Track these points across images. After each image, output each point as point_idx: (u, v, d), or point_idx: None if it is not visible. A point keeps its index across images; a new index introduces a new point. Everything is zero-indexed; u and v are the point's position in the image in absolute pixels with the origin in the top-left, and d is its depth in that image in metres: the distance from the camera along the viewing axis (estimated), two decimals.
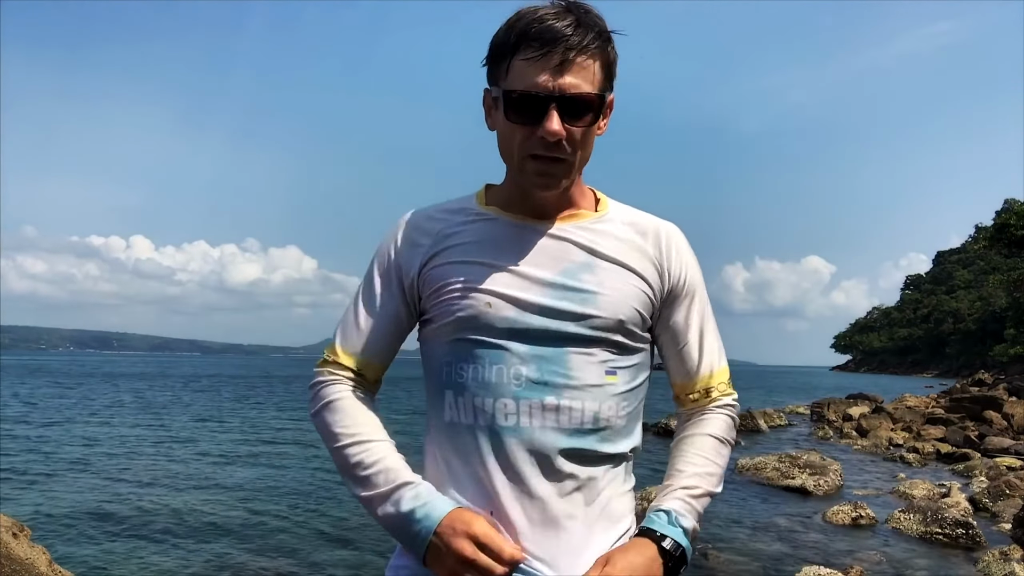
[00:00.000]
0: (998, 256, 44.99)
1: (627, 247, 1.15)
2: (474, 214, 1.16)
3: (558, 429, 1.06)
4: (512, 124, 1.07)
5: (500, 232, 1.14)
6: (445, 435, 1.12)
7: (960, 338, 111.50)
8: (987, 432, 14.64)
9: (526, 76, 1.04)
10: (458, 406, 1.10)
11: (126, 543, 6.80)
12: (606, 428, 1.09)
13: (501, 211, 1.16)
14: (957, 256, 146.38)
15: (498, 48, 1.08)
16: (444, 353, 1.13)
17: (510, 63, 1.06)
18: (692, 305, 1.20)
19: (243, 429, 17.61)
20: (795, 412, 24.07)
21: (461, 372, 1.10)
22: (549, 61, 1.03)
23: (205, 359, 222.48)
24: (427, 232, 1.16)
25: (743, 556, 6.39)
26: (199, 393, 33.05)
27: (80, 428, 17.04)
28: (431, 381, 1.16)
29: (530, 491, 1.06)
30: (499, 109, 1.09)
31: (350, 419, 1.13)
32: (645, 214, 1.21)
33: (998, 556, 5.90)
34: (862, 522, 7.47)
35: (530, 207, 1.14)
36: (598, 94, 1.06)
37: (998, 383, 28.97)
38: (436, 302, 1.13)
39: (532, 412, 1.06)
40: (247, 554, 6.47)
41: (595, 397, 1.08)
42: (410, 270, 1.15)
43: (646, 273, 1.14)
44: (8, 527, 4.08)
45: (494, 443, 1.07)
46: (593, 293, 1.09)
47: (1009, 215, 38.74)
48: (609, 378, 1.10)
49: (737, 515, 7.93)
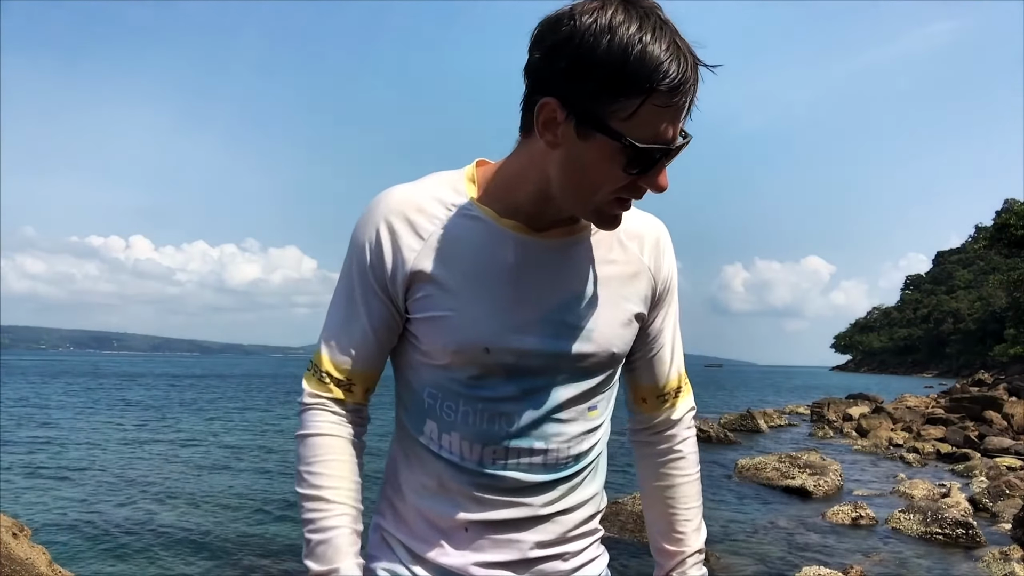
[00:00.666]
0: (998, 256, 44.99)
1: (625, 263, 1.08)
2: (468, 214, 1.02)
3: (544, 467, 1.05)
4: (621, 173, 0.91)
5: (498, 247, 1.01)
6: (419, 452, 1.08)
7: (960, 338, 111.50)
8: (987, 432, 14.64)
9: (656, 125, 0.88)
10: (440, 441, 1.05)
11: (126, 543, 6.80)
12: (586, 456, 1.09)
13: (497, 216, 1.02)
14: (957, 256, 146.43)
15: (628, 74, 0.85)
16: (430, 380, 1.05)
17: (640, 106, 0.86)
18: (669, 308, 1.15)
19: (245, 429, 17.62)
20: (795, 412, 24.09)
21: (449, 411, 1.04)
22: (679, 111, 0.89)
23: (205, 359, 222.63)
24: (416, 231, 1.02)
25: (743, 556, 6.39)
26: (200, 392, 33.06)
27: (80, 428, 17.04)
28: (409, 398, 1.09)
29: (511, 518, 1.05)
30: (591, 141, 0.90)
31: (321, 465, 1.04)
32: (633, 213, 1.10)
33: (998, 556, 5.90)
34: (862, 522, 7.47)
35: (532, 219, 1.02)
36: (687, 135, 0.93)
37: (998, 383, 28.97)
38: (424, 327, 1.03)
39: (520, 455, 1.03)
40: (248, 554, 6.47)
41: (580, 438, 1.07)
42: (396, 276, 1.02)
43: (642, 294, 1.09)
44: (8, 527, 4.08)
45: (475, 480, 1.04)
46: (589, 330, 1.04)
47: (1009, 215, 38.75)
48: (591, 414, 1.08)
49: (737, 515, 7.94)
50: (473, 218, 1.02)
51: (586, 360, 1.04)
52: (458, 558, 1.04)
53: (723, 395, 38.10)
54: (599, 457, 1.12)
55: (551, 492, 1.06)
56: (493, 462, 1.03)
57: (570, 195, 0.96)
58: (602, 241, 1.07)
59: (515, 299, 1.01)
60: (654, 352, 1.16)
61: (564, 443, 1.05)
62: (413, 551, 1.07)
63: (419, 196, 1.04)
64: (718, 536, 7.01)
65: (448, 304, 1.01)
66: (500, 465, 1.03)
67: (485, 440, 1.03)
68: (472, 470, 1.04)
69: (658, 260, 1.11)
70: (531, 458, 1.04)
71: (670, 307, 1.15)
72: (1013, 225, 36.53)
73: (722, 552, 6.44)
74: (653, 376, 1.17)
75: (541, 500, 1.05)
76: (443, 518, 1.05)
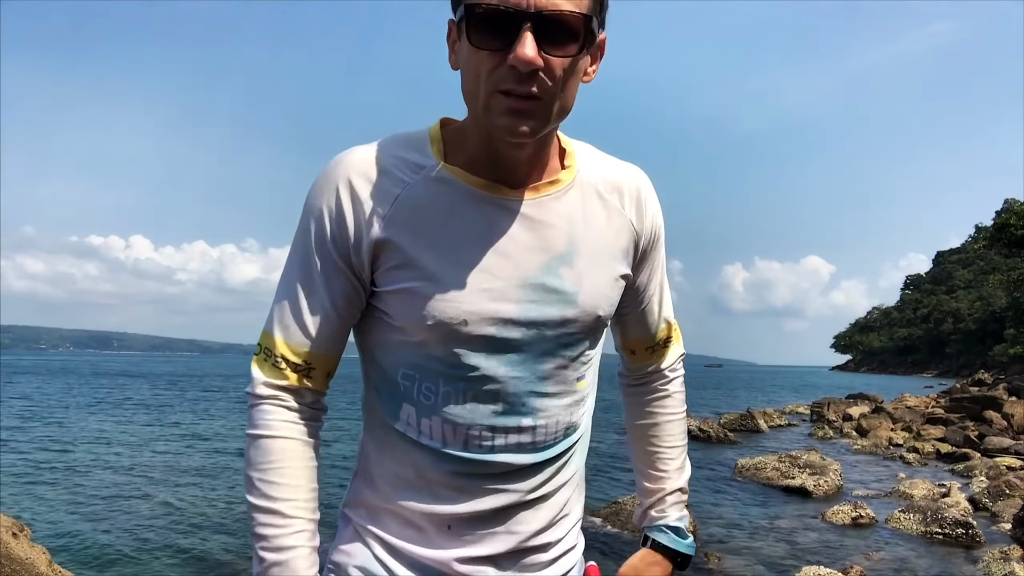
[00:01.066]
0: (998, 256, 44.97)
1: (606, 219, 1.01)
2: (435, 176, 0.94)
3: (533, 445, 0.99)
4: (477, 49, 0.85)
5: (471, 210, 0.94)
6: (394, 441, 1.00)
7: (960, 338, 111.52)
8: (987, 432, 14.65)
9: None
10: (420, 427, 0.97)
11: (126, 543, 6.80)
12: (572, 431, 1.05)
13: (467, 175, 0.94)
14: (957, 256, 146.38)
15: None
16: (404, 360, 0.97)
17: None
18: (655, 260, 1.10)
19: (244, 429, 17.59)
20: (795, 412, 24.08)
21: (428, 393, 0.96)
22: None
23: (205, 359, 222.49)
24: (380, 194, 0.93)
25: (743, 556, 6.39)
26: (201, 391, 33.06)
27: (81, 427, 17.03)
28: (381, 383, 1.01)
29: (494, 507, 1.00)
30: (463, 36, 0.87)
31: (276, 473, 0.95)
32: (612, 163, 1.05)
33: (998, 556, 5.90)
34: (862, 522, 7.47)
35: (501, 169, 0.94)
36: (585, 15, 0.85)
37: (998, 383, 28.95)
38: (396, 300, 0.95)
39: (508, 435, 0.97)
40: (248, 554, 6.46)
41: (568, 409, 1.02)
42: (361, 243, 0.93)
43: (626, 250, 1.03)
44: (8, 527, 4.08)
45: (458, 468, 0.97)
46: (573, 293, 0.97)
47: (1009, 215, 38.72)
48: (579, 384, 1.03)
49: (737, 515, 7.93)
50: (442, 180, 0.94)
51: (570, 325, 0.98)
52: (439, 553, 0.98)
53: (723, 395, 38.10)
54: (584, 434, 1.09)
55: (537, 476, 1.00)
56: (479, 445, 0.96)
57: (470, 108, 0.92)
58: (582, 195, 1.00)
59: (492, 266, 0.94)
60: (642, 306, 1.12)
61: (552, 418, 1.00)
62: (391, 545, 1.00)
63: (382, 157, 0.95)
64: (718, 536, 7.01)
65: (420, 275, 0.93)
66: (487, 448, 0.97)
67: (470, 421, 0.96)
68: (455, 456, 0.97)
69: (640, 211, 1.04)
70: (519, 436, 0.98)
71: (656, 259, 1.10)
72: (1013, 225, 36.50)
73: (722, 552, 6.44)
74: (642, 329, 1.15)
75: (527, 485, 1.00)
76: (422, 512, 0.98)
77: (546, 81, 0.85)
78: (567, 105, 0.91)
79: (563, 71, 0.86)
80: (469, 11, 0.85)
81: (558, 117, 0.90)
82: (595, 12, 0.87)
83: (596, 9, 0.88)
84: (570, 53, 0.86)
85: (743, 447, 14.06)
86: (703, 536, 6.90)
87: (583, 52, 0.88)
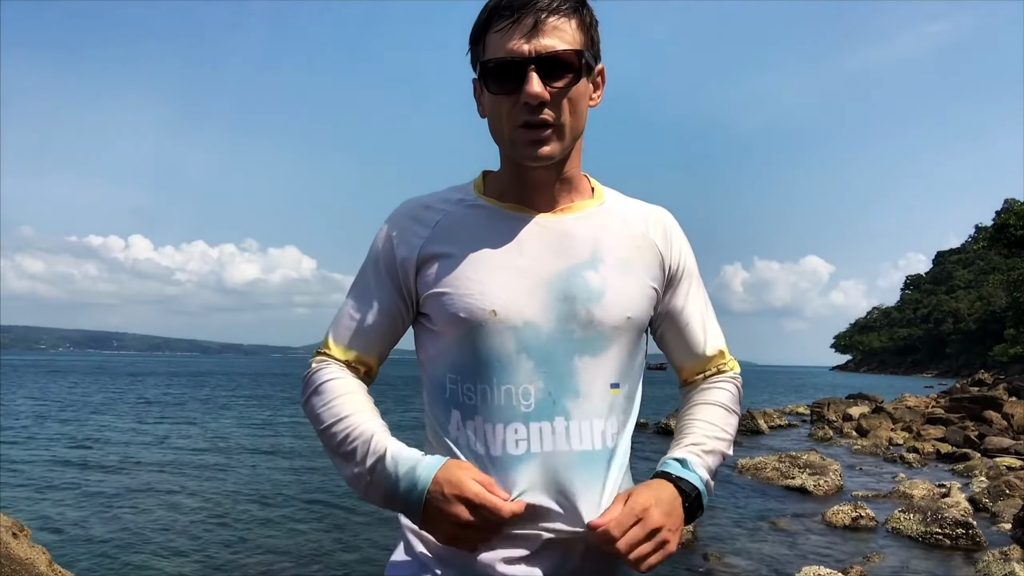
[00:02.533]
0: (998, 256, 44.95)
1: (630, 238, 1.12)
2: (471, 203, 1.12)
3: (569, 453, 1.03)
4: (495, 96, 1.04)
5: (501, 224, 1.09)
6: (445, 452, 1.07)
7: (960, 338, 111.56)
8: (987, 432, 14.65)
9: (501, 46, 1.02)
10: (466, 429, 1.05)
11: (126, 543, 6.80)
12: (612, 445, 1.07)
13: (499, 201, 1.12)
14: (957, 256, 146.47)
15: (474, 30, 1.07)
16: (447, 365, 1.07)
17: (485, 39, 1.05)
18: (691, 288, 1.19)
19: (248, 427, 17.61)
20: (795, 412, 24.08)
21: (469, 394, 1.05)
22: (522, 27, 1.01)
23: (204, 358, 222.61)
24: (423, 222, 1.11)
25: (743, 556, 6.39)
26: (201, 390, 33.07)
27: (81, 426, 17.03)
28: (434, 391, 1.11)
29: (540, 520, 1.03)
30: (483, 88, 1.07)
31: (335, 400, 1.08)
32: (638, 202, 1.20)
33: (998, 556, 5.90)
34: (862, 522, 7.47)
35: (529, 194, 1.11)
36: (576, 51, 1.03)
37: (998, 383, 28.97)
38: (435, 302, 1.07)
39: (543, 436, 1.02)
40: (249, 554, 6.46)
41: (601, 413, 1.05)
42: (405, 263, 1.10)
43: (650, 265, 1.12)
44: (8, 527, 4.08)
45: (503, 477, 1.02)
46: (599, 293, 1.06)
47: (1009, 215, 38.69)
48: (613, 392, 1.07)
49: (737, 515, 7.94)
50: (476, 206, 1.12)
51: (597, 326, 1.05)
52: (485, 555, 1.02)
53: None
54: (626, 455, 1.10)
55: (576, 477, 1.02)
56: (516, 443, 1.02)
57: (500, 146, 1.10)
58: (606, 217, 1.13)
59: (520, 267, 1.06)
60: (681, 330, 1.20)
61: (585, 419, 1.04)
62: (439, 555, 1.06)
63: (427, 199, 1.15)
64: (718, 536, 7.01)
65: (455, 277, 1.07)
66: (523, 449, 1.01)
67: (507, 419, 1.03)
68: (497, 459, 1.02)
69: (667, 240, 1.16)
70: (554, 439, 1.02)
71: (691, 290, 1.19)
72: (1013, 225, 36.48)
73: (722, 552, 6.44)
74: (688, 355, 1.22)
75: (566, 485, 1.02)
76: None
77: (554, 108, 1.03)
78: (578, 125, 1.07)
79: (566, 97, 1.04)
80: (484, 67, 1.05)
81: (573, 136, 1.07)
82: (587, 47, 1.06)
83: (588, 44, 1.06)
84: (568, 82, 1.03)
85: (743, 447, 14.05)
86: (703, 536, 6.91)
87: (580, 80, 1.05)
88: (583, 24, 1.05)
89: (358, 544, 6.78)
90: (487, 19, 1.04)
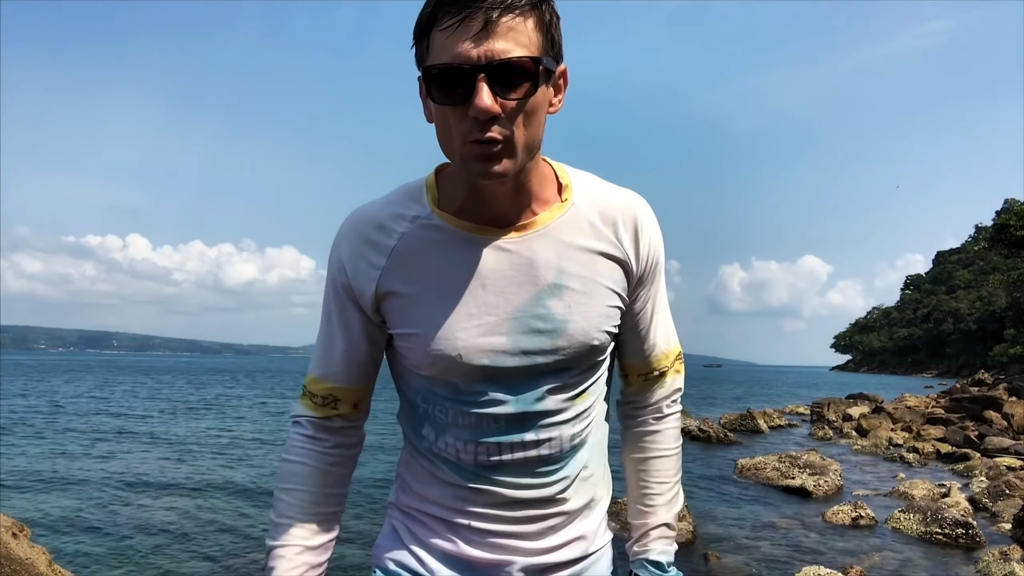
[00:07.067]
0: (998, 256, 44.93)
1: (597, 251, 1.05)
2: (427, 222, 1.03)
3: (540, 458, 1.06)
4: (441, 107, 0.91)
5: (461, 253, 1.02)
6: (420, 461, 1.12)
7: (960, 338, 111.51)
8: (987, 432, 14.63)
9: (447, 48, 0.88)
10: (438, 442, 1.08)
11: (126, 543, 6.80)
12: (581, 444, 1.10)
13: (456, 219, 1.02)
14: (957, 256, 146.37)
15: (418, 24, 0.93)
16: (418, 388, 1.09)
17: (429, 38, 0.91)
18: (653, 285, 1.12)
19: (249, 427, 17.61)
20: (795, 412, 24.06)
21: (440, 414, 1.07)
22: (470, 27, 0.87)
23: (204, 358, 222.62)
24: (378, 248, 1.03)
25: (743, 556, 6.39)
26: (202, 389, 33.06)
27: (81, 426, 17.02)
28: (407, 404, 1.13)
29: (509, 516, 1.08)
30: (429, 98, 0.94)
31: (287, 493, 1.10)
32: (609, 190, 1.08)
33: (998, 556, 5.90)
34: (862, 522, 7.47)
35: (488, 210, 1.01)
36: (533, 58, 0.90)
37: (998, 383, 28.93)
38: (400, 341, 1.06)
39: (514, 449, 1.05)
40: (248, 554, 6.46)
41: (571, 422, 1.07)
42: (363, 295, 1.05)
43: (618, 278, 1.07)
44: (8, 527, 4.08)
45: (475, 480, 1.06)
46: (563, 321, 1.02)
47: (1009, 215, 38.72)
48: (580, 398, 1.08)
49: (737, 515, 7.93)
50: (432, 227, 1.03)
51: (562, 352, 1.03)
52: (465, 550, 1.08)
53: (723, 395, 38.08)
54: (595, 443, 1.13)
55: (549, 486, 1.07)
56: (488, 459, 1.05)
57: (449, 159, 0.98)
58: (572, 227, 1.04)
59: (483, 303, 1.02)
60: (636, 331, 1.14)
61: (555, 431, 1.06)
62: (422, 541, 1.11)
63: (380, 214, 1.05)
64: (718, 536, 7.01)
65: (417, 318, 1.03)
66: (495, 462, 1.05)
67: (477, 438, 1.05)
68: (469, 471, 1.06)
69: (636, 240, 1.07)
70: (525, 451, 1.05)
71: (652, 285, 1.12)
72: (1013, 225, 36.50)
73: (722, 552, 6.44)
74: (637, 355, 1.16)
75: (539, 495, 1.07)
76: (444, 517, 1.10)
77: (507, 123, 0.91)
78: (534, 139, 0.95)
79: (521, 110, 0.91)
80: (427, 72, 0.91)
81: (527, 152, 0.95)
82: (546, 51, 0.93)
83: (547, 47, 0.93)
84: (524, 93, 0.91)
85: (743, 447, 14.06)
86: (703, 536, 6.91)
87: (537, 90, 0.92)
88: (541, 23, 0.92)
89: (350, 538, 6.78)
90: (431, 13, 0.90)
